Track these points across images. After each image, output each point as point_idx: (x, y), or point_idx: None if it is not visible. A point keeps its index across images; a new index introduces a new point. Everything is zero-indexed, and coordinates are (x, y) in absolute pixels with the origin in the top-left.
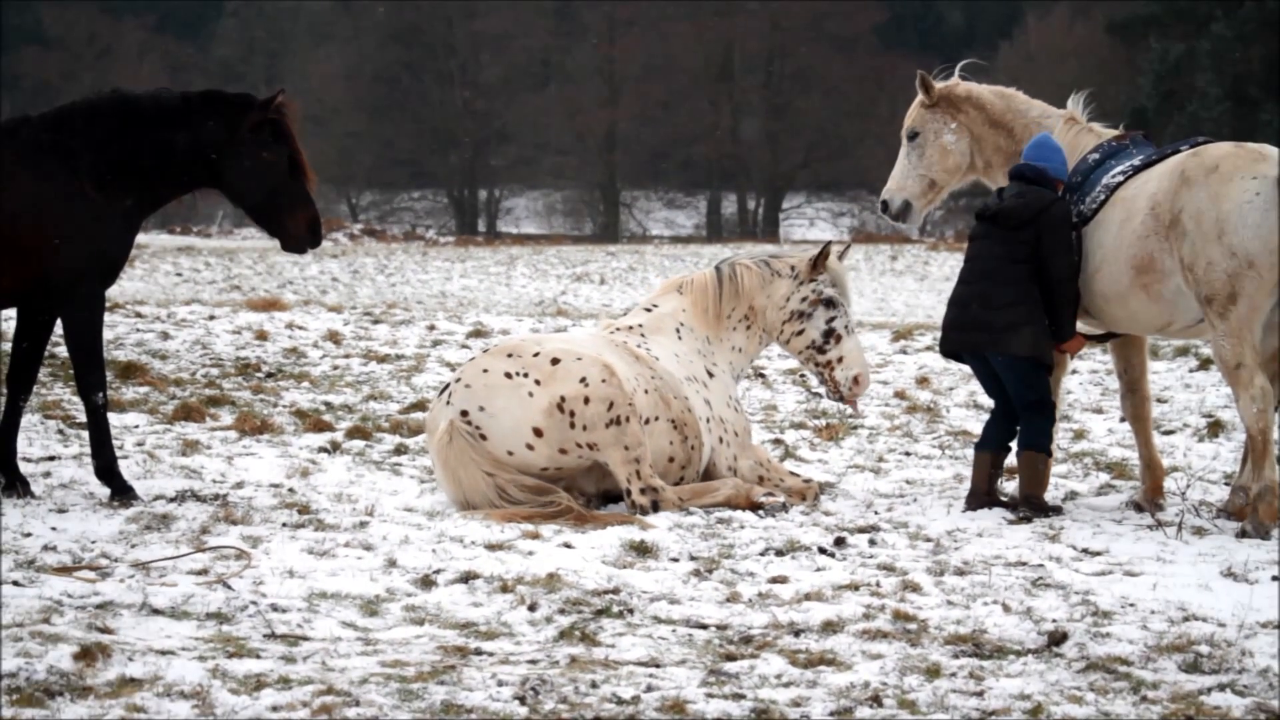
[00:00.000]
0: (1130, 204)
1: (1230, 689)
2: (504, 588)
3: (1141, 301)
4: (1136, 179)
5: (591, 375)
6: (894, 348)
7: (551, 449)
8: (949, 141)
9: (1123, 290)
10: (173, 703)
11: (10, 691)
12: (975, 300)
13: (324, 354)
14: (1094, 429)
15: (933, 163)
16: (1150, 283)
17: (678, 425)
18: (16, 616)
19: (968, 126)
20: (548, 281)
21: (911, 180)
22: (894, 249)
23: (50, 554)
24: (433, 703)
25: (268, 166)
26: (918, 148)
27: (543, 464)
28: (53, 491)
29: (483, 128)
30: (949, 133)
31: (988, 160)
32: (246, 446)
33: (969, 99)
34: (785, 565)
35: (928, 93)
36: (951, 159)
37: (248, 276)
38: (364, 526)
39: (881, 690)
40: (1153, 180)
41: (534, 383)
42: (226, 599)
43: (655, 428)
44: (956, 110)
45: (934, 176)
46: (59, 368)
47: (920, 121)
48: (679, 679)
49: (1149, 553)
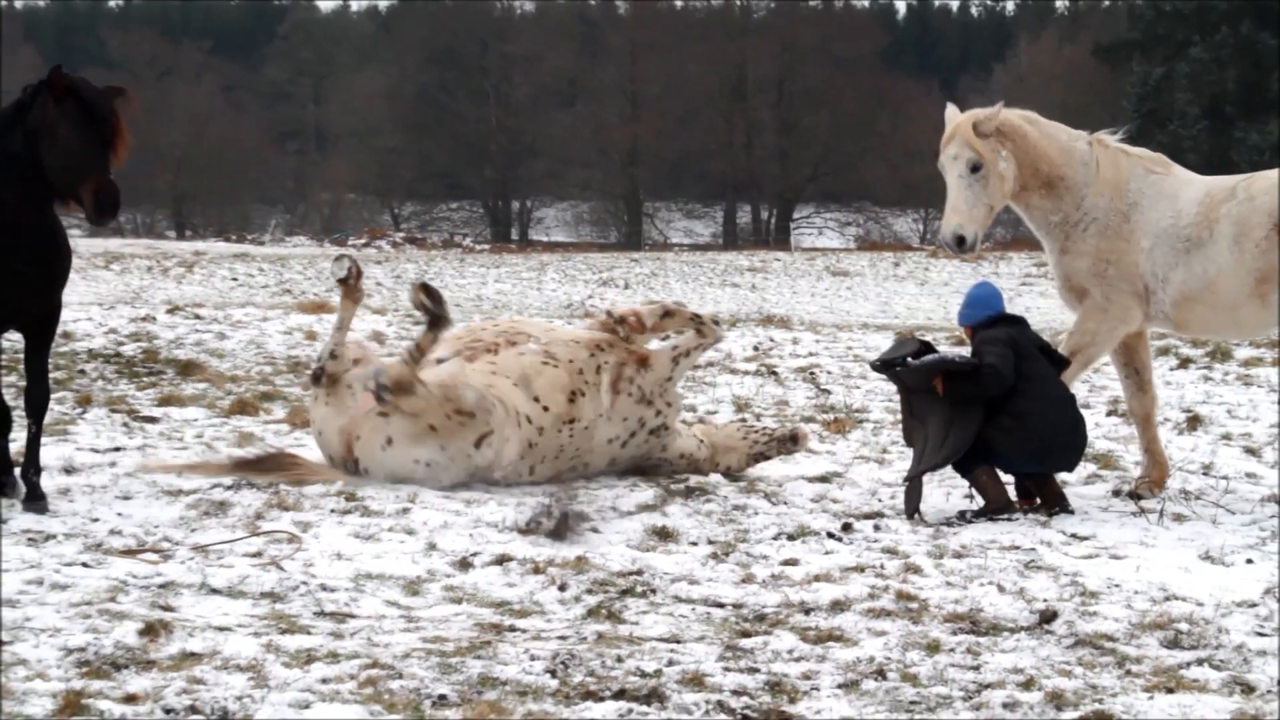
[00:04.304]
0: (1243, 221)
1: (1208, 663)
2: (536, 569)
3: (1254, 309)
4: (1231, 201)
5: None
6: None
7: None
8: (1004, 169)
9: (1239, 300)
10: (230, 675)
11: (79, 664)
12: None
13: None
14: None
15: (994, 191)
16: (1267, 292)
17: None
18: (85, 595)
19: (1014, 154)
20: (576, 286)
21: (978, 209)
22: (896, 256)
23: (116, 538)
24: (470, 676)
25: (61, 141)
26: (981, 179)
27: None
28: (118, 480)
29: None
30: (1003, 161)
31: (1024, 183)
32: (297, 438)
33: (1014, 128)
34: (796, 549)
35: (976, 129)
36: (1007, 184)
37: (298, 281)
38: (406, 512)
39: (885, 664)
40: (1259, 197)
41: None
42: (279, 579)
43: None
44: (1005, 138)
45: (993, 203)
46: (124, 365)
47: (981, 153)
48: (698, 654)
49: (1133, 538)
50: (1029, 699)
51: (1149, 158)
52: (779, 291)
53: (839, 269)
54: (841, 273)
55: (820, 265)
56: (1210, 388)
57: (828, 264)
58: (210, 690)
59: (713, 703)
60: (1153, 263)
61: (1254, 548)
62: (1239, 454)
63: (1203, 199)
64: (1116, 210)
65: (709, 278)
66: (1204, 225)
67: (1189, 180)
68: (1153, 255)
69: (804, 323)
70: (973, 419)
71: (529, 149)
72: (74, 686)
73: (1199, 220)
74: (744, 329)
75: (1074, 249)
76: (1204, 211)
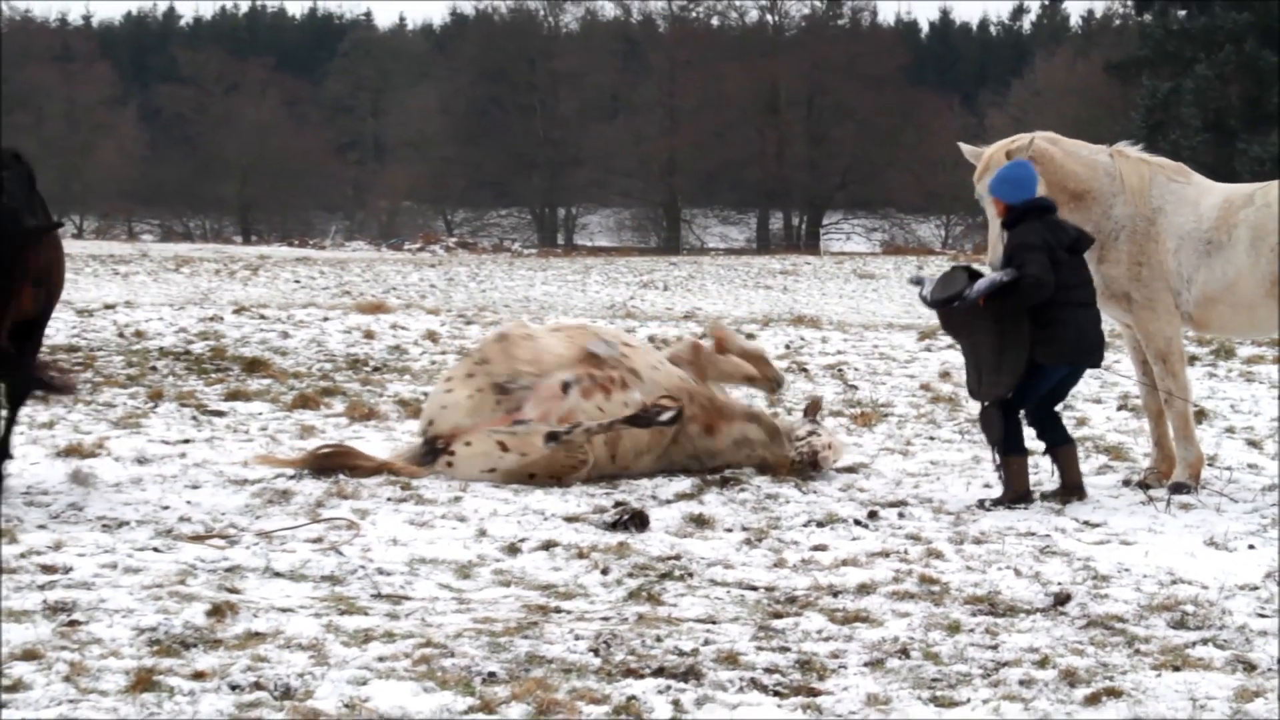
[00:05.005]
0: (1259, 227)
1: (1212, 643)
2: (580, 554)
3: (1270, 310)
4: (1249, 207)
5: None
6: (919, 346)
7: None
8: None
9: (1256, 300)
10: (292, 654)
11: (151, 643)
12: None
13: (423, 351)
14: (1094, 417)
15: None
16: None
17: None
18: (156, 578)
19: (1043, 175)
20: (618, 288)
21: None
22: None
23: (185, 524)
24: (518, 654)
25: None
26: None
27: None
28: (187, 470)
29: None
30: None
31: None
32: (356, 431)
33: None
34: (825, 535)
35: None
36: None
37: (357, 283)
38: (458, 501)
39: (909, 644)
40: (1275, 205)
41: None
42: (338, 563)
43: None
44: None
45: None
46: (192, 363)
47: None
48: (732, 634)
49: (1142, 525)
50: (1044, 676)
51: (1170, 167)
52: (809, 293)
53: (865, 272)
54: (868, 275)
55: (848, 268)
56: (1214, 384)
57: (855, 267)
58: (273, 668)
59: (746, 680)
60: (1179, 263)
61: (1255, 534)
62: (1241, 446)
63: (1222, 204)
64: (1143, 216)
65: (743, 280)
66: (1223, 229)
67: (1209, 188)
68: (1179, 256)
69: (833, 322)
70: (1022, 335)
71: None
72: (146, 664)
73: (1218, 224)
74: (776, 329)
75: (1109, 257)
76: (1223, 216)
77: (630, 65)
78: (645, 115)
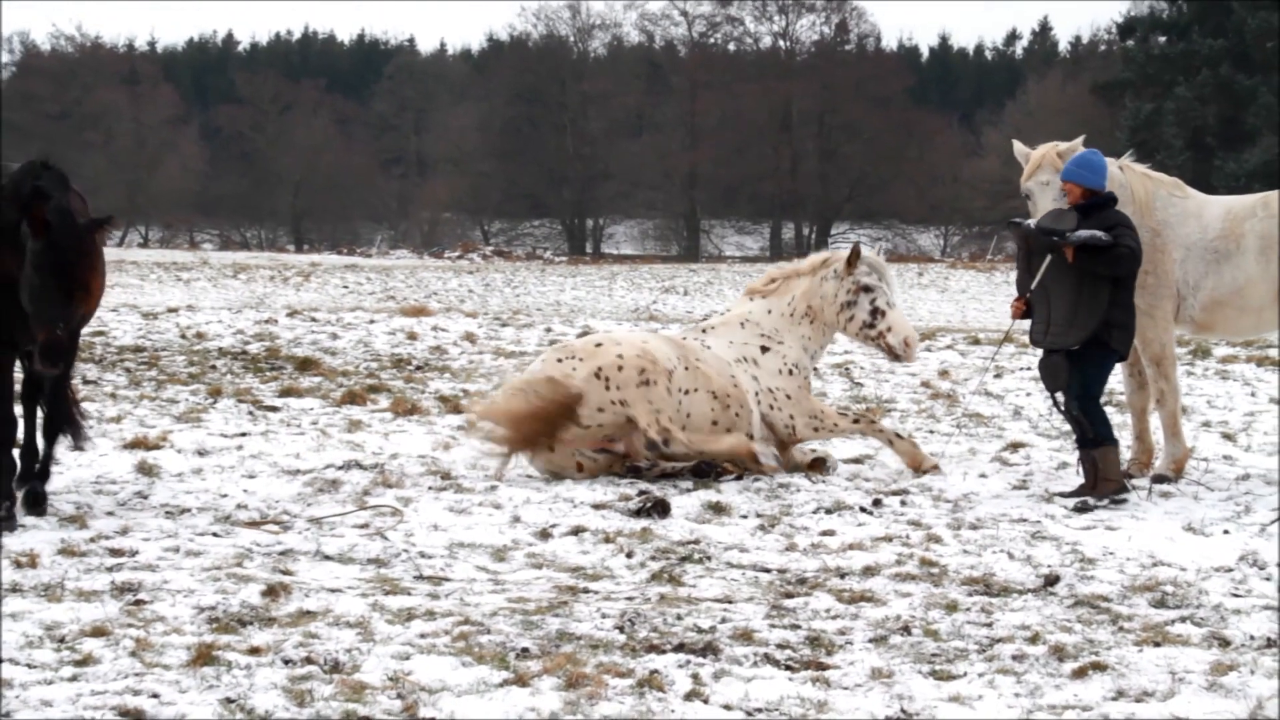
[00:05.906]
0: (1267, 235)
1: (1190, 620)
2: (606, 539)
3: (1274, 312)
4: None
5: (626, 351)
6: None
7: (590, 408)
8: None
9: (1263, 304)
10: (340, 631)
11: (210, 621)
12: None
13: (462, 351)
14: None
15: None
16: None
17: (718, 396)
18: (215, 561)
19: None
20: (642, 292)
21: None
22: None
23: (242, 511)
24: (549, 631)
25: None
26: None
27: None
28: (244, 460)
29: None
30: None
31: None
32: (400, 425)
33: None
34: (833, 521)
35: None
36: None
37: (400, 289)
38: (494, 490)
39: (911, 622)
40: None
41: (578, 360)
42: (384, 547)
43: (695, 396)
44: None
45: None
46: (249, 362)
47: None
48: (747, 613)
49: (1125, 511)
50: (1035, 651)
51: (1168, 182)
52: None
53: None
54: None
55: None
56: (1192, 381)
57: None
58: (323, 643)
59: (760, 655)
60: (1184, 272)
61: (1230, 520)
62: (1217, 439)
63: (1225, 215)
64: (1149, 228)
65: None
66: (1230, 239)
67: (1206, 200)
68: (1185, 265)
69: None
70: (1100, 298)
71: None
72: (205, 640)
73: (1225, 234)
74: None
75: None
76: (1229, 227)
77: (654, 87)
78: (668, 133)
